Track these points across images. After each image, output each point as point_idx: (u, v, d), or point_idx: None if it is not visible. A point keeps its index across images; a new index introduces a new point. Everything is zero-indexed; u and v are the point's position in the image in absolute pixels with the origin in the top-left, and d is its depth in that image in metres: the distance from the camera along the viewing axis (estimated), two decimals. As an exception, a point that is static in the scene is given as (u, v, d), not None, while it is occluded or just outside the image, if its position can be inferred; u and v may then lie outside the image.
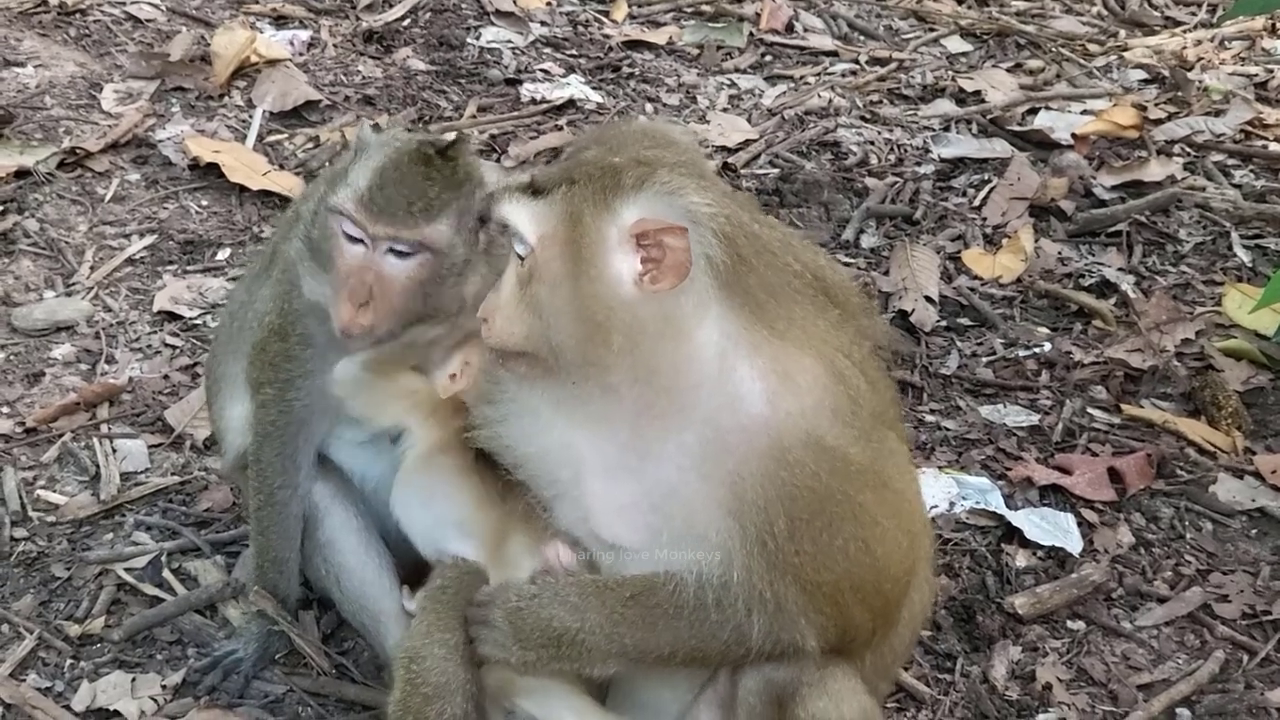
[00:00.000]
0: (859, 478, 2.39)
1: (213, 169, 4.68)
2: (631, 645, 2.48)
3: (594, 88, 5.39)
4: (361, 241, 2.76)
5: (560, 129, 5.12)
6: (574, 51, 5.62)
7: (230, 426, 3.18)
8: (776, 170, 4.90)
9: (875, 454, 2.46)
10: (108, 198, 4.58)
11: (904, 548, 2.48)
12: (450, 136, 2.86)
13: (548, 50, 5.61)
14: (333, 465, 3.13)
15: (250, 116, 5.02)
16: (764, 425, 2.34)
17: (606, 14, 5.91)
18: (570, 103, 5.26)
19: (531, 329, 2.40)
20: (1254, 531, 3.61)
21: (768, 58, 5.66)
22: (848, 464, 2.37)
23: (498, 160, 4.86)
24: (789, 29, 5.84)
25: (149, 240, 4.41)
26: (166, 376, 3.93)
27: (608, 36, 5.71)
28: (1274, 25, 5.91)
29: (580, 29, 5.78)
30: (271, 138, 4.95)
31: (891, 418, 2.58)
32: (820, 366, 2.39)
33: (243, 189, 4.63)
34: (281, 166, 4.77)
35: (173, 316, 4.14)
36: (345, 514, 3.11)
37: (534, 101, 5.25)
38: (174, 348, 4.04)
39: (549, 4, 5.93)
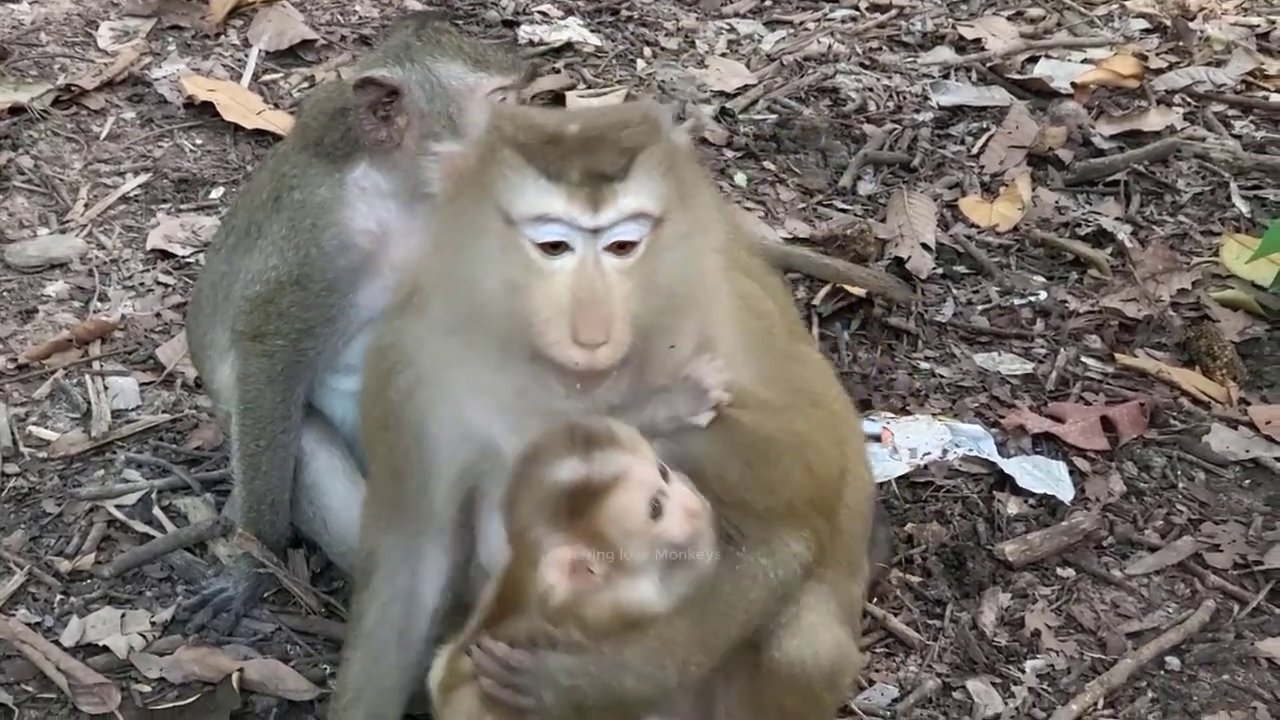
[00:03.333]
0: (791, 410, 2.40)
1: (208, 108, 4.66)
2: (696, 661, 2.41)
3: (592, 30, 5.36)
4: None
5: (558, 71, 5.10)
6: (573, -6, 5.60)
7: (225, 384, 3.19)
8: (774, 116, 4.88)
9: (799, 377, 2.48)
10: (103, 135, 4.57)
11: (836, 455, 2.50)
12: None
13: (546, -8, 5.59)
14: (315, 409, 3.15)
15: (246, 56, 5.01)
16: None
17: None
18: (568, 45, 5.23)
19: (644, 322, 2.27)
20: (1247, 482, 3.61)
21: (768, 3, 5.63)
22: (780, 403, 2.38)
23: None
24: (807, -25, 5.81)
25: (143, 178, 4.40)
26: (159, 314, 3.93)
27: (607, -20, 5.68)
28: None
29: (579, -28, 5.75)
30: (267, 77, 4.94)
31: (798, 326, 2.60)
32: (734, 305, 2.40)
33: (237, 128, 4.62)
34: (276, 106, 4.75)
35: (166, 255, 4.13)
36: (330, 458, 3.14)
37: (531, 44, 5.22)
38: (167, 285, 4.03)
39: (548, -55, 5.89)
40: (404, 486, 2.49)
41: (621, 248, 2.21)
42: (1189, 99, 5.10)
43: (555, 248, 2.20)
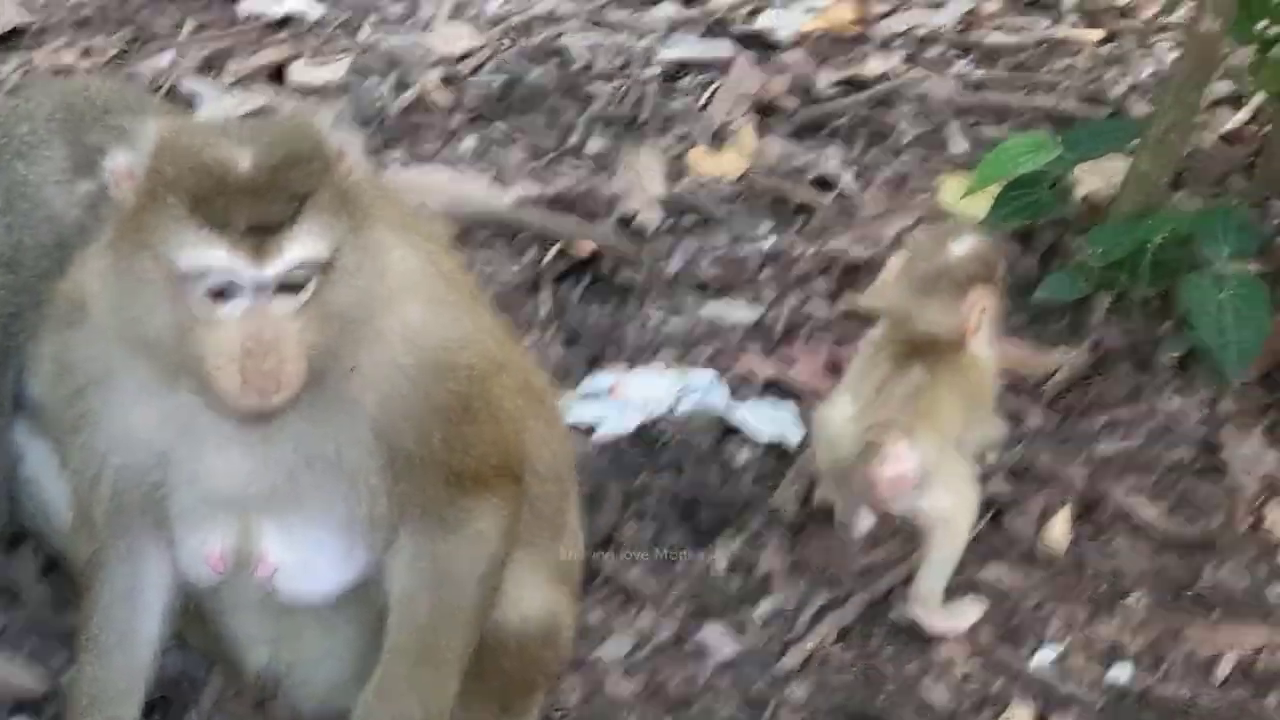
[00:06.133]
0: (484, 375, 2.42)
1: (-84, 99, 4.54)
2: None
3: (316, 0, 5.30)
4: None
5: (282, 44, 5.05)
6: (293, -35, 5.52)
7: None
8: (503, 78, 4.87)
9: (488, 341, 2.49)
10: None
11: (520, 411, 2.51)
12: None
13: (266, -36, 5.51)
14: (25, 400, 3.07)
15: (-44, 43, 4.89)
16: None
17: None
18: (289, 18, 5.18)
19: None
20: (978, 409, 3.69)
21: (494, -35, 5.59)
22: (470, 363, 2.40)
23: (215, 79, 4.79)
24: (510, -66, 5.78)
25: None
26: None
27: (327, -51, 5.61)
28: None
29: (299, -58, 5.67)
30: (-20, 64, 4.83)
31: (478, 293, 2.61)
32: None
33: (-51, 118, 4.49)
34: (-8, 93, 4.65)
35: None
36: (47, 450, 3.05)
37: (252, 18, 5.15)
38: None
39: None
40: (94, 491, 2.45)
41: (292, 288, 2.17)
42: (909, 42, 5.17)
43: (221, 294, 2.15)
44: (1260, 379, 3.66)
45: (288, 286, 2.18)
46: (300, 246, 2.17)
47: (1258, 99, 4.46)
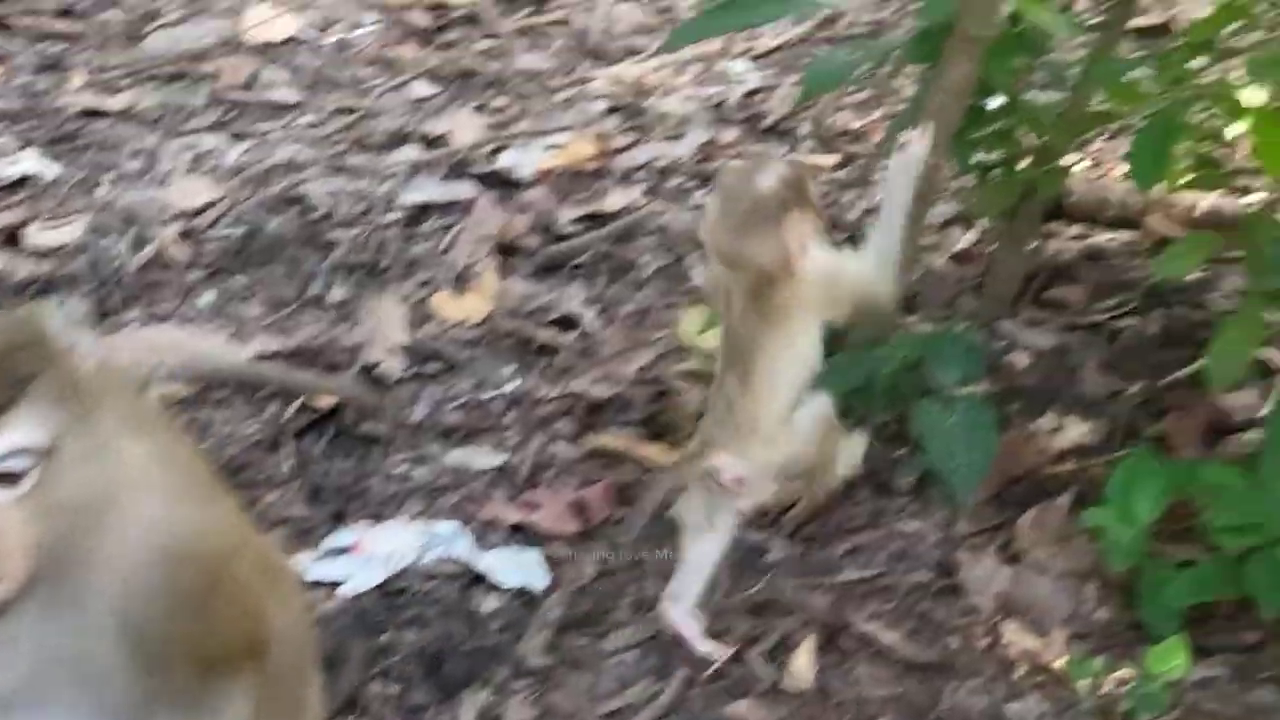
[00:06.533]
0: (225, 556, 2.39)
1: None
2: None
3: (53, 159, 5.24)
4: None
5: (18, 206, 4.99)
6: (30, 123, 5.46)
7: None
8: (241, 230, 4.84)
9: (226, 521, 2.45)
10: None
11: (261, 590, 2.47)
12: None
13: (1, 124, 5.44)
14: None
15: None
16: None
17: (63, 83, 5.74)
18: (25, 179, 5.11)
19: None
20: (712, 546, 3.71)
21: (231, 115, 5.59)
22: (210, 551, 2.36)
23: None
24: (251, 84, 5.78)
25: None
26: None
27: (64, 106, 5.56)
28: (730, 48, 6.09)
29: (34, 99, 5.61)
30: None
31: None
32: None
33: None
34: None
35: None
36: None
37: (-17, 182, 5.09)
38: None
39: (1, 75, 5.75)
40: None
41: (9, 478, 2.12)
42: (649, 174, 5.25)
43: None
44: (992, 498, 3.74)
45: (5, 476, 2.13)
46: (17, 434, 2.11)
47: (985, 219, 4.59)
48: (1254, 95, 3.98)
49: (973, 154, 4.08)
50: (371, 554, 3.63)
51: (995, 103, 4.00)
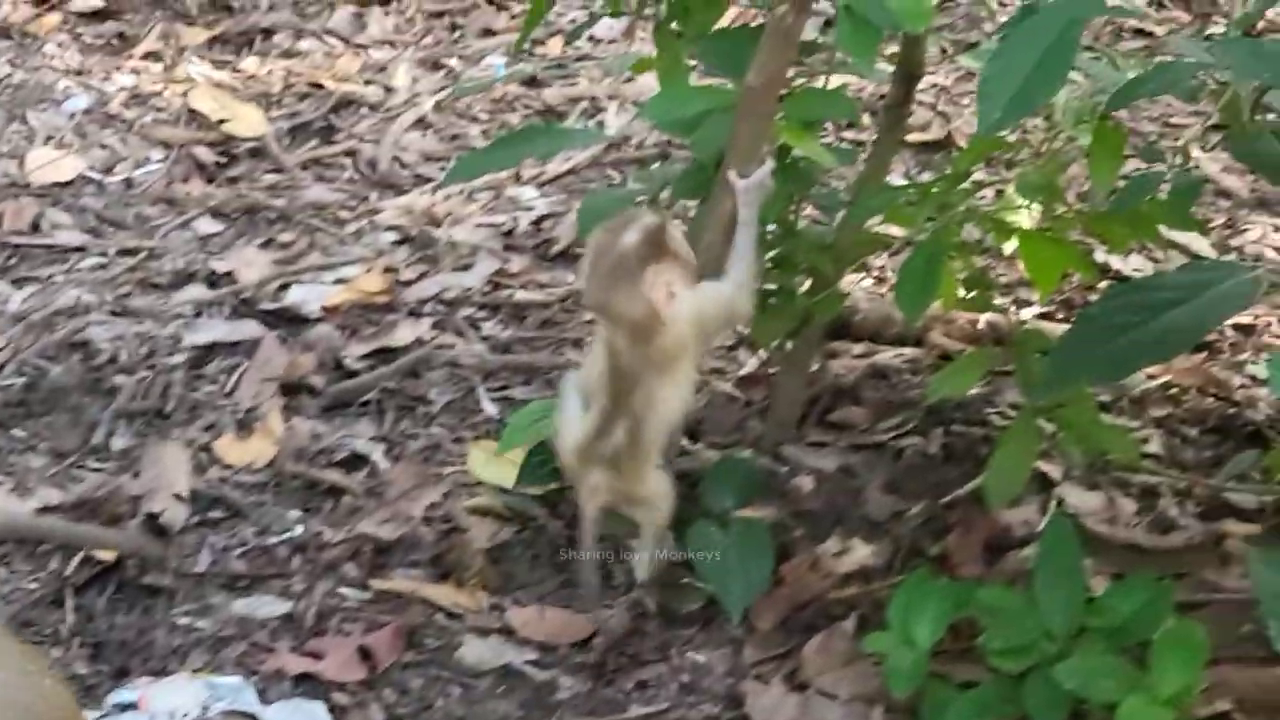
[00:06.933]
0: None
1: None
2: None
3: None
4: None
5: None
6: None
7: None
8: (22, 379, 4.76)
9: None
10: None
11: None
12: None
13: None
14: None
15: None
16: None
17: None
18: None
19: None
20: (501, 689, 3.68)
21: (13, 260, 5.51)
22: None
23: None
24: (35, 228, 5.70)
25: None
26: None
27: None
28: (519, 174, 6.12)
29: None
30: None
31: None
32: None
33: None
34: None
35: None
36: None
37: None
38: None
39: None
40: None
41: None
42: (439, 306, 5.24)
43: None
44: (779, 625, 3.77)
45: None
46: None
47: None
48: (1024, 214, 4.09)
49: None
50: (154, 711, 3.56)
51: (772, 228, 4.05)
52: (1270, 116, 3.38)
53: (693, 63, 4.09)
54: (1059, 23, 2.91)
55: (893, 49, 4.15)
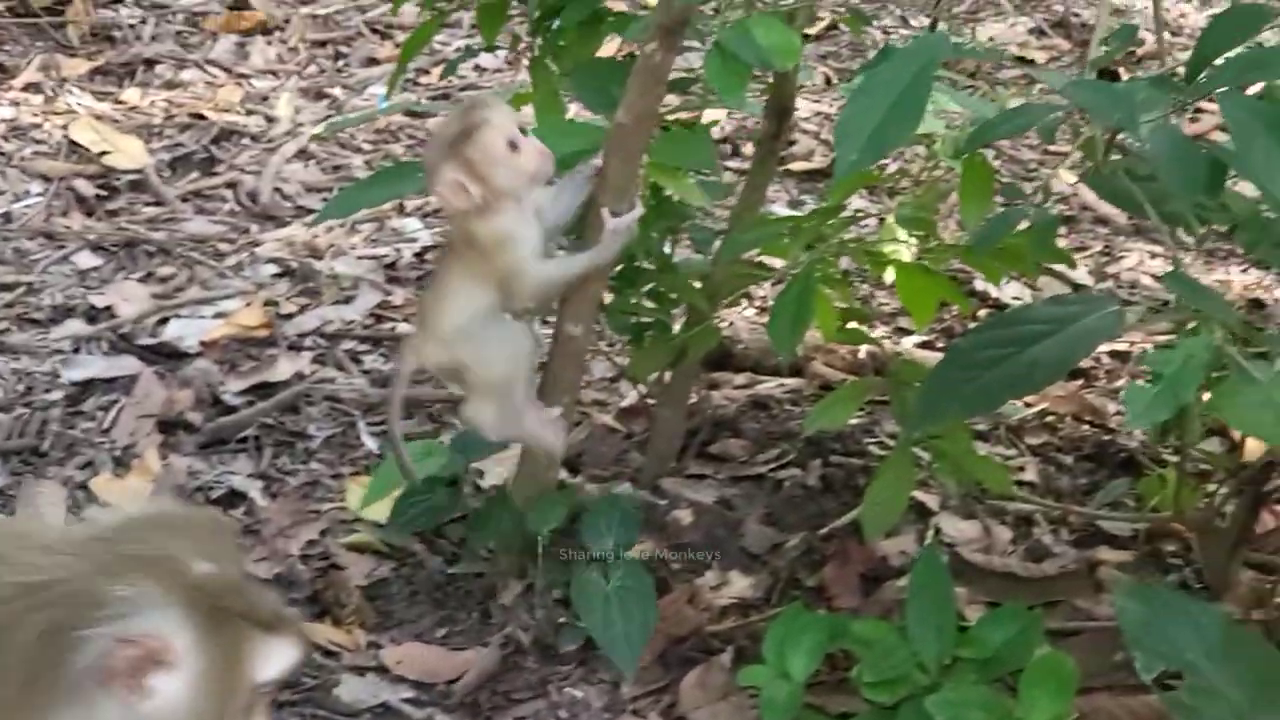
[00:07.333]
0: None
1: None
2: None
3: None
4: None
5: None
6: None
7: None
8: (-105, 421, 4.70)
9: None
10: None
11: None
12: None
13: None
14: None
15: None
16: None
17: None
18: None
19: None
20: (378, 728, 3.68)
21: (-110, 300, 5.42)
22: None
23: None
24: (-88, 265, 5.63)
25: None
26: None
27: None
28: (402, 205, 6.11)
29: None
30: None
31: None
32: None
33: None
34: None
35: None
36: None
37: None
38: None
39: None
40: None
41: None
42: (320, 339, 5.21)
43: None
44: (657, 659, 3.77)
45: None
46: None
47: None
48: (904, 246, 4.12)
49: (627, 318, 4.13)
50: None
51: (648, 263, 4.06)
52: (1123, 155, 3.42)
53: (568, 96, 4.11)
54: (914, 66, 2.94)
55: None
